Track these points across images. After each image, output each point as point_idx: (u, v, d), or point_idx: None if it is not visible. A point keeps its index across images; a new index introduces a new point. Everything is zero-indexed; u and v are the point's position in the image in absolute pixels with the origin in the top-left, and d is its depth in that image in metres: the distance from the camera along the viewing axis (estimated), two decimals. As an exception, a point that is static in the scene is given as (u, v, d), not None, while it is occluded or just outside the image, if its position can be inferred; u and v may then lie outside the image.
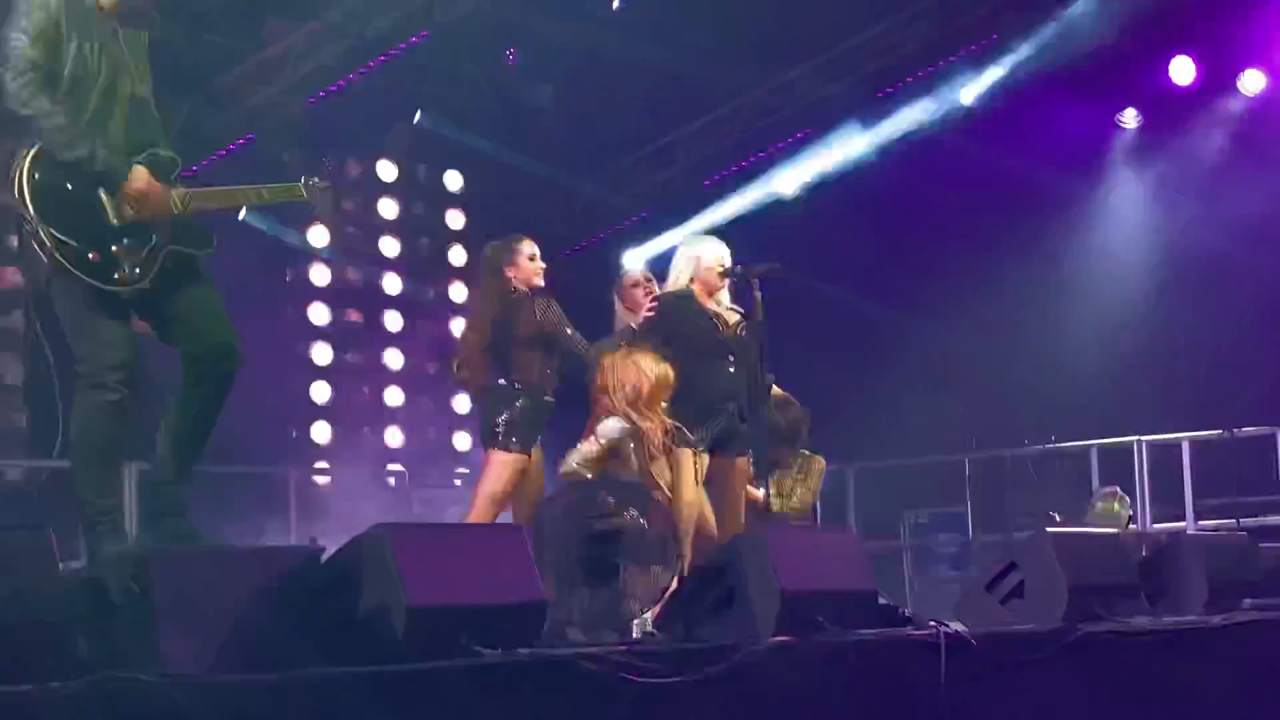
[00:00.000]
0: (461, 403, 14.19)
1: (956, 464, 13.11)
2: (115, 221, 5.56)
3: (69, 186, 5.51)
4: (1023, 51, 13.45)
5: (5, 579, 4.08)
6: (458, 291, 14.66)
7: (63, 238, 5.43)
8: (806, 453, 9.66)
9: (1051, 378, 13.20)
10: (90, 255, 5.48)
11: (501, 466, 8.05)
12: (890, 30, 13.80)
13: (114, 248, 5.53)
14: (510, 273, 8.21)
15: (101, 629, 4.44)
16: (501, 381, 8.20)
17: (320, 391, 13.83)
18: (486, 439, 8.16)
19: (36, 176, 5.45)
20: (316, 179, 6.05)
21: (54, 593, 4.19)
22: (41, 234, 5.43)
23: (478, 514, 8.03)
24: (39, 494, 11.60)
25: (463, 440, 14.33)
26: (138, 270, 5.56)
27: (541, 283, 8.24)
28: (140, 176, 5.60)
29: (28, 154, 5.47)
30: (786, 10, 12.89)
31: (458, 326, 13.05)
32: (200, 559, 4.69)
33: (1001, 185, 13.45)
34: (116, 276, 5.52)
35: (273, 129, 12.73)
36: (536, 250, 8.31)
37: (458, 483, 13.56)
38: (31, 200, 5.44)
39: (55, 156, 5.48)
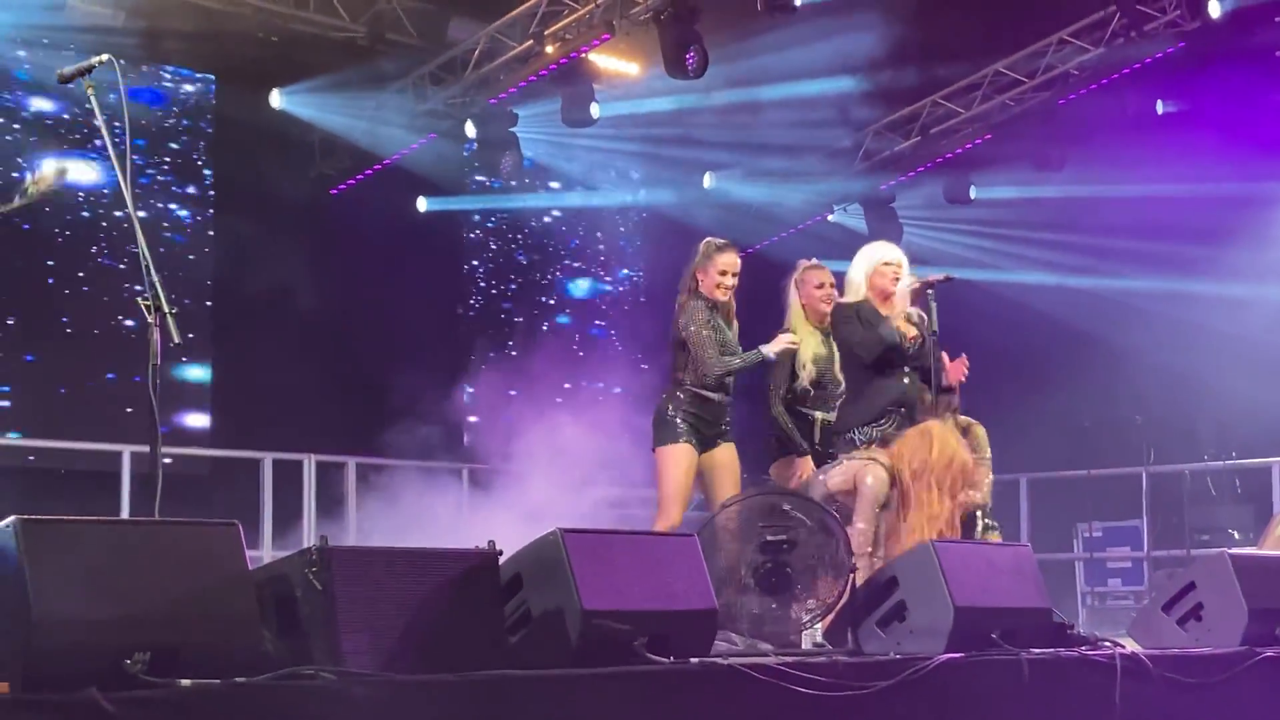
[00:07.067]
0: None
1: (1133, 477, 12.87)
2: None
3: None
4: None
5: (197, 573, 4.17)
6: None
7: None
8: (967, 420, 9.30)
9: (1234, 392, 12.90)
10: None
11: (669, 461, 7.92)
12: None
13: None
14: (700, 275, 8.06)
15: (285, 625, 4.54)
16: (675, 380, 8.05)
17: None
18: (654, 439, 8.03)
19: None
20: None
21: (242, 587, 4.28)
22: None
23: (664, 514, 7.88)
24: (217, 486, 11.90)
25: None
26: None
27: (723, 298, 8.00)
28: None
29: None
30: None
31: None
32: (381, 558, 4.76)
33: (1190, 197, 13.22)
34: None
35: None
36: (735, 267, 8.03)
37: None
38: None
39: None
